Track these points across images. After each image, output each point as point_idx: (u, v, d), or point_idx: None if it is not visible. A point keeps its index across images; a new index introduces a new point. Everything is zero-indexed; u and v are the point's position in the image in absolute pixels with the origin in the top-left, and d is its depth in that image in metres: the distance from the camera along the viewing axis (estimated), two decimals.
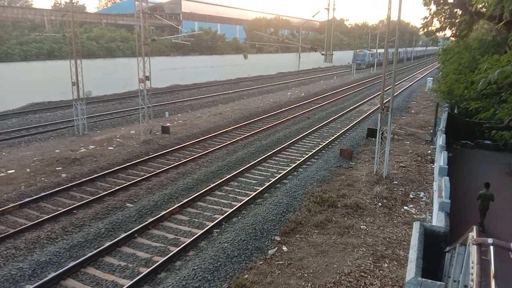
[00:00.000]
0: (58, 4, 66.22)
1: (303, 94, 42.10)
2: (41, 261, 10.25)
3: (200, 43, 55.69)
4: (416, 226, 8.07)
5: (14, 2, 69.09)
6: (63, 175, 16.77)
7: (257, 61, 63.71)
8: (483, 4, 16.65)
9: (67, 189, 15.23)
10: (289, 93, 42.32)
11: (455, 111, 24.32)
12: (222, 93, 42.63)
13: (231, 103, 36.63)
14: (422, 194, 15.32)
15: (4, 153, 19.99)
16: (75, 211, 13.45)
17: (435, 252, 7.91)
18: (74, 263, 10.19)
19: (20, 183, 15.89)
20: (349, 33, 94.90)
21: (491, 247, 5.26)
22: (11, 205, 13.51)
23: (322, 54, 38.69)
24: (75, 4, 23.67)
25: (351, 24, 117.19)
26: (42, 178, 16.47)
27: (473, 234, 5.65)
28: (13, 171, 17.30)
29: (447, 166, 12.80)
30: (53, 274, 9.70)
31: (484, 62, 15.89)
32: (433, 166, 18.17)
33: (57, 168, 17.64)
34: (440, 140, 17.10)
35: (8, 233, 11.69)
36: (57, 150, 20.25)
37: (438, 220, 9.60)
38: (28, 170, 17.41)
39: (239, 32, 78.16)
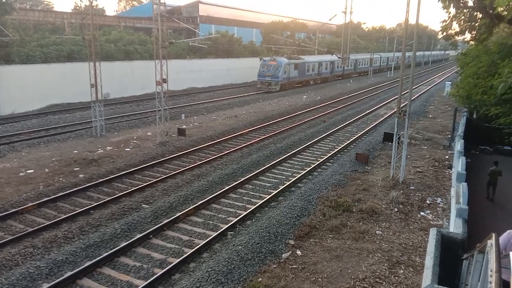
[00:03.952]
0: (78, 8, 67.43)
1: (318, 98, 41.94)
2: (58, 260, 10.42)
3: (216, 46, 56.00)
4: (432, 232, 7.94)
5: (35, 5, 70.63)
6: (81, 175, 17.03)
7: None
8: (504, 7, 16.33)
9: (84, 189, 15.46)
10: (305, 96, 42.20)
11: (474, 116, 23.89)
12: (238, 96, 42.77)
13: (246, 106, 36.72)
14: (439, 200, 15.09)
15: (23, 153, 20.40)
16: (92, 211, 13.65)
17: (452, 259, 7.76)
18: (90, 262, 10.33)
19: (38, 183, 16.19)
20: (366, 37, 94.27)
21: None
22: (29, 204, 13.77)
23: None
24: (94, 7, 24.05)
25: (368, 28, 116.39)
26: (60, 178, 16.75)
27: (491, 241, 5.53)
28: (32, 171, 17.64)
29: (465, 172, 12.56)
30: (69, 273, 9.85)
31: (505, 67, 15.58)
32: (450, 172, 17.88)
33: (75, 169, 17.93)
34: (458, 145, 16.81)
35: (26, 232, 11.92)
36: (75, 151, 20.58)
37: (455, 226, 9.43)
38: (46, 170, 17.73)
39: (255, 35, 78.29)
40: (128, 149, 21.27)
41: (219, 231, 12.10)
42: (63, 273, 10.03)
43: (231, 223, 12.70)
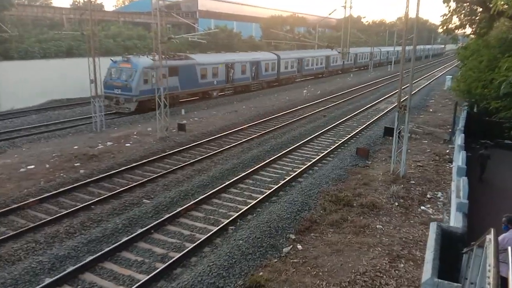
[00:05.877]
0: (77, 3, 67.27)
1: (319, 92, 41.89)
2: (60, 255, 10.47)
3: (216, 41, 55.78)
4: (433, 226, 7.98)
5: (34, 1, 70.33)
6: (81, 171, 17.06)
7: None
8: (503, 3, 16.26)
9: (85, 184, 15.48)
10: (305, 91, 42.14)
11: (475, 110, 23.89)
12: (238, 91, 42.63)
13: (246, 101, 36.64)
14: (439, 194, 15.12)
15: (24, 149, 20.41)
16: (93, 206, 13.67)
17: (452, 253, 7.81)
18: (92, 257, 10.38)
19: (39, 179, 16.21)
20: (366, 31, 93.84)
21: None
22: (31, 200, 13.81)
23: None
24: (93, 2, 23.99)
25: (368, 22, 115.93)
26: (61, 174, 16.77)
27: (490, 236, 5.57)
28: (33, 166, 17.65)
29: (465, 166, 12.60)
30: (71, 268, 9.90)
31: (504, 62, 15.57)
32: (451, 166, 17.91)
33: (75, 164, 17.95)
34: (459, 139, 16.84)
35: (29, 227, 11.97)
36: (76, 146, 20.58)
37: (455, 221, 9.48)
38: (47, 165, 17.75)
39: (255, 30, 78.05)
40: (129, 145, 21.28)
41: (220, 226, 12.15)
42: (66, 268, 10.08)
43: (232, 217, 12.75)
